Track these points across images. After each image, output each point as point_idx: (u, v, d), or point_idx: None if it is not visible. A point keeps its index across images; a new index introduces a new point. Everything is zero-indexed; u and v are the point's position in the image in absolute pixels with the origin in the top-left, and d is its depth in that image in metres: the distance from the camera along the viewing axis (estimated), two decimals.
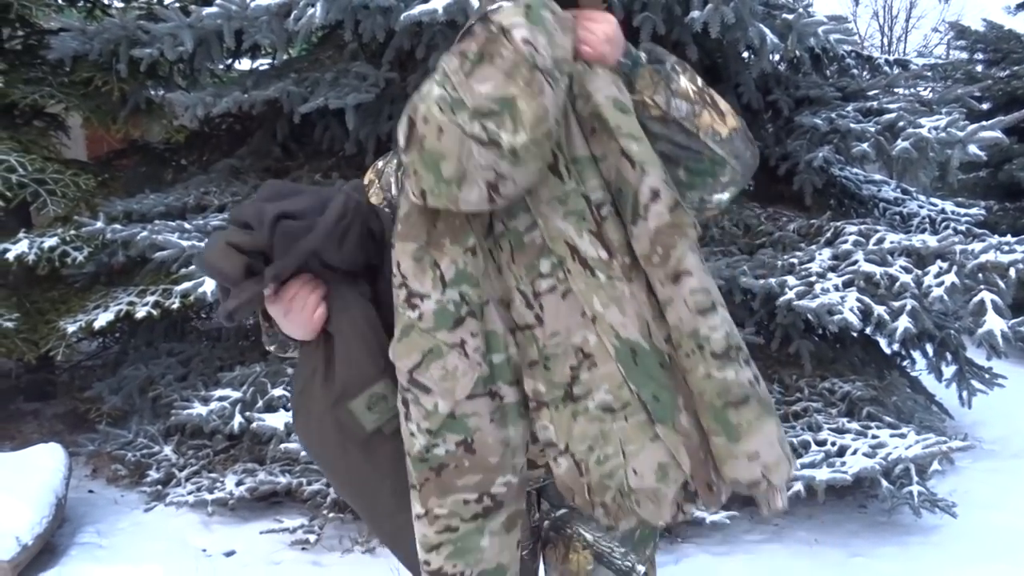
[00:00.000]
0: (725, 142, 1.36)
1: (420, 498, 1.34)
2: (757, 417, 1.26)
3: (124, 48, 3.84)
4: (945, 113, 3.57)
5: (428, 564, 1.35)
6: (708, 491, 1.29)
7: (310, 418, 1.41)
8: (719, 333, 1.24)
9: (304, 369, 1.43)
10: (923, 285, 3.19)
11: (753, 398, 1.26)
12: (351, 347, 1.36)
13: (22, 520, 3.08)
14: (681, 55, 3.61)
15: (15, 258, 4.00)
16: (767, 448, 1.27)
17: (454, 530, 1.34)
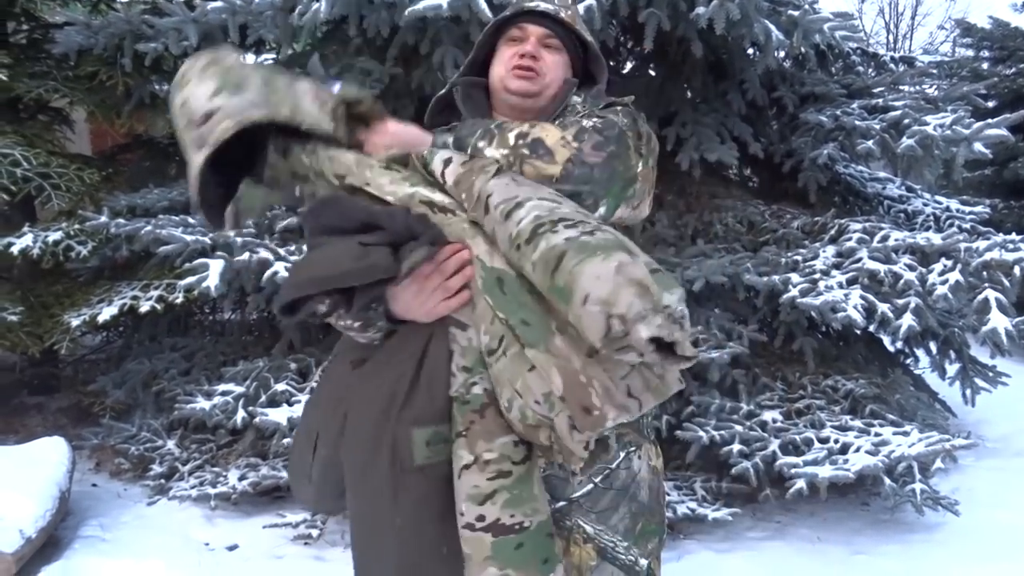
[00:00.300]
0: (564, 179, 1.36)
1: (468, 445, 1.31)
2: (575, 265, 1.13)
3: (129, 42, 3.84)
4: (950, 111, 3.56)
5: (483, 519, 1.30)
6: (584, 414, 1.19)
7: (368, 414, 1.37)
8: (524, 222, 1.22)
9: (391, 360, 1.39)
10: (927, 283, 3.18)
11: (570, 250, 1.14)
12: (441, 375, 1.34)
13: (26, 513, 3.09)
14: (686, 51, 3.64)
15: (19, 252, 4.00)
16: (594, 283, 1.10)
17: (507, 475, 1.30)
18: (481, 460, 1.32)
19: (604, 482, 1.59)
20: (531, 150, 1.37)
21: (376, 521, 1.36)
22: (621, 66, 4.37)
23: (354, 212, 1.33)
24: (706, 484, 3.44)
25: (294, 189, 1.45)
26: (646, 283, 1.09)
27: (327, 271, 1.31)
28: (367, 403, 1.37)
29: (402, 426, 1.32)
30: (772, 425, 3.35)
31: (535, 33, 1.57)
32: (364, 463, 1.35)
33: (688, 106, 3.88)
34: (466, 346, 1.35)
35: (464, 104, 1.61)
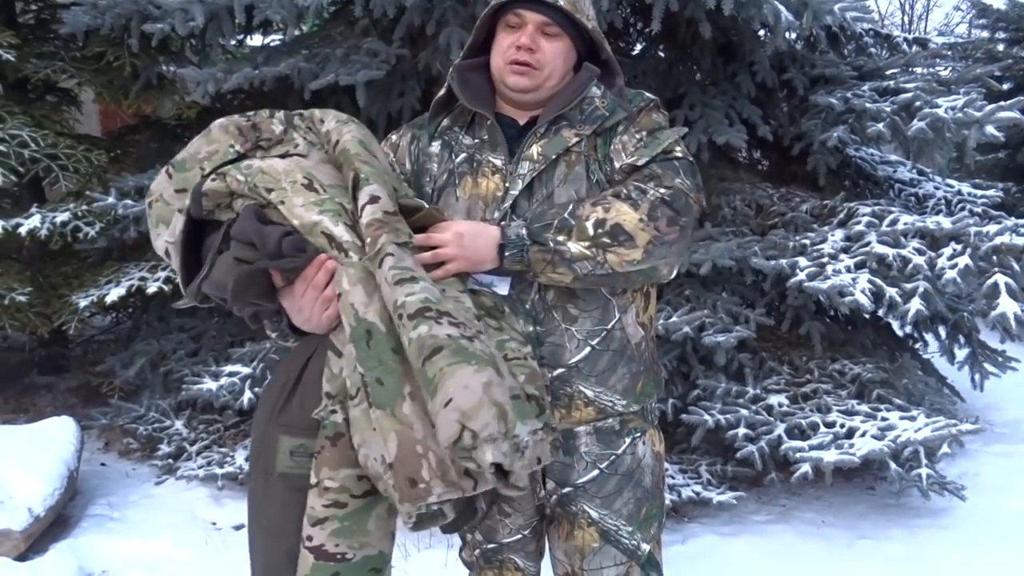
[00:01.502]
0: (644, 260, 1.43)
1: (315, 467, 1.35)
2: (448, 364, 1.18)
3: (136, 23, 3.83)
4: (963, 93, 3.52)
5: (310, 539, 1.34)
6: (409, 485, 1.20)
7: (260, 418, 1.48)
8: (414, 297, 1.26)
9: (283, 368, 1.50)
10: (936, 267, 3.16)
11: (447, 348, 1.20)
12: (314, 391, 1.39)
13: (34, 492, 3.12)
14: (695, 33, 3.61)
15: (28, 233, 4.01)
16: (461, 392, 1.15)
17: (342, 506, 1.33)
18: (322, 485, 1.34)
19: (609, 468, 1.60)
20: (612, 238, 1.41)
21: (254, 515, 1.46)
22: (630, 48, 4.33)
23: (244, 226, 1.41)
24: (711, 467, 3.44)
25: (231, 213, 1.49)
26: (506, 409, 1.16)
27: (217, 277, 1.41)
28: (262, 404, 1.49)
29: (274, 431, 1.40)
30: (778, 409, 3.34)
31: (533, 21, 1.52)
32: (253, 462, 1.47)
33: (697, 88, 3.85)
34: (336, 373, 1.37)
35: (461, 91, 1.58)
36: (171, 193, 1.50)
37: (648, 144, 1.52)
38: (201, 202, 1.45)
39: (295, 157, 1.49)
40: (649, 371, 1.63)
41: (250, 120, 1.53)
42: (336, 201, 1.40)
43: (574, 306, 1.52)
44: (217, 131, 1.53)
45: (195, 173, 1.48)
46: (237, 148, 1.50)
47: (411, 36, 3.63)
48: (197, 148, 1.52)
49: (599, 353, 1.55)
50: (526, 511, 1.68)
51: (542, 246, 1.42)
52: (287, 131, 1.52)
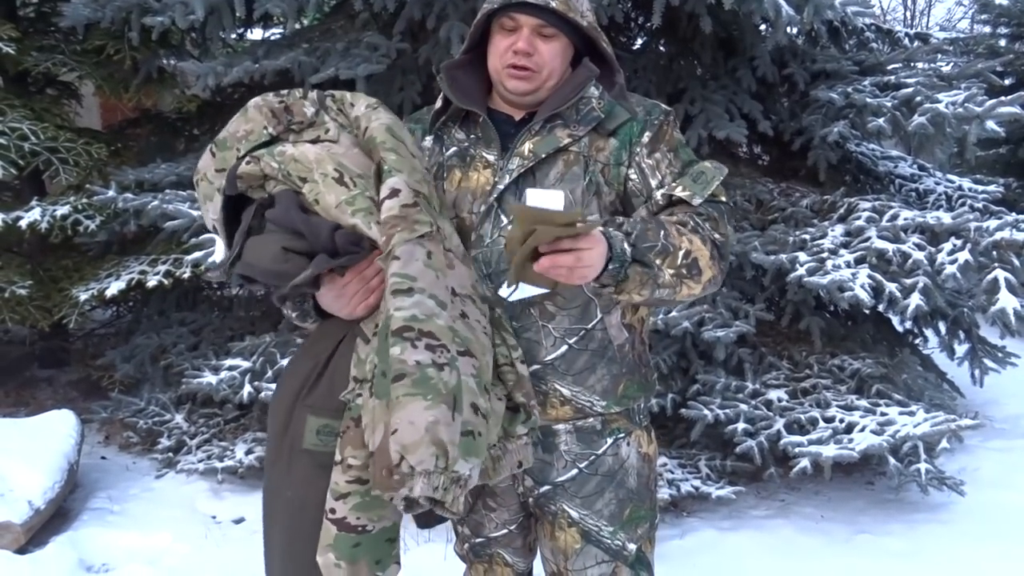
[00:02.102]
0: (697, 295, 1.49)
1: (340, 446, 1.41)
2: (405, 394, 1.24)
3: (136, 16, 3.82)
4: (964, 88, 3.51)
5: (333, 512, 1.40)
6: (387, 475, 1.24)
7: (285, 396, 1.52)
8: (403, 313, 1.30)
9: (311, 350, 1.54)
10: (936, 262, 3.15)
11: (409, 377, 1.25)
12: (344, 374, 1.45)
13: (35, 485, 3.13)
14: (695, 27, 3.60)
15: (28, 226, 4.02)
16: (406, 427, 1.23)
17: (364, 482, 1.38)
18: (345, 463, 1.40)
19: (589, 468, 1.59)
20: (689, 271, 1.43)
21: (275, 491, 1.51)
22: (631, 42, 4.32)
23: (290, 216, 1.44)
24: (710, 462, 3.44)
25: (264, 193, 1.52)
26: (447, 447, 1.22)
27: (253, 261, 1.44)
28: (288, 383, 1.52)
29: (302, 410, 1.46)
30: (777, 404, 3.34)
31: (528, 24, 1.50)
32: (277, 438, 1.51)
33: (697, 83, 3.84)
34: (363, 359, 1.41)
35: (451, 90, 1.56)
36: (213, 172, 1.53)
37: (697, 180, 1.51)
38: (235, 183, 1.49)
39: (326, 143, 1.49)
40: (634, 373, 1.60)
41: (283, 101, 1.53)
42: (367, 196, 1.42)
43: (552, 303, 1.51)
44: (253, 111, 1.54)
45: (232, 154, 1.51)
46: (270, 130, 1.51)
47: (411, 30, 3.63)
48: (236, 127, 1.53)
49: (576, 352, 1.54)
50: (510, 506, 1.68)
51: (645, 267, 1.39)
52: (318, 113, 1.53)
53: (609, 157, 1.54)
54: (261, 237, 1.48)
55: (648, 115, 1.56)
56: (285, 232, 1.45)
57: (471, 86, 1.59)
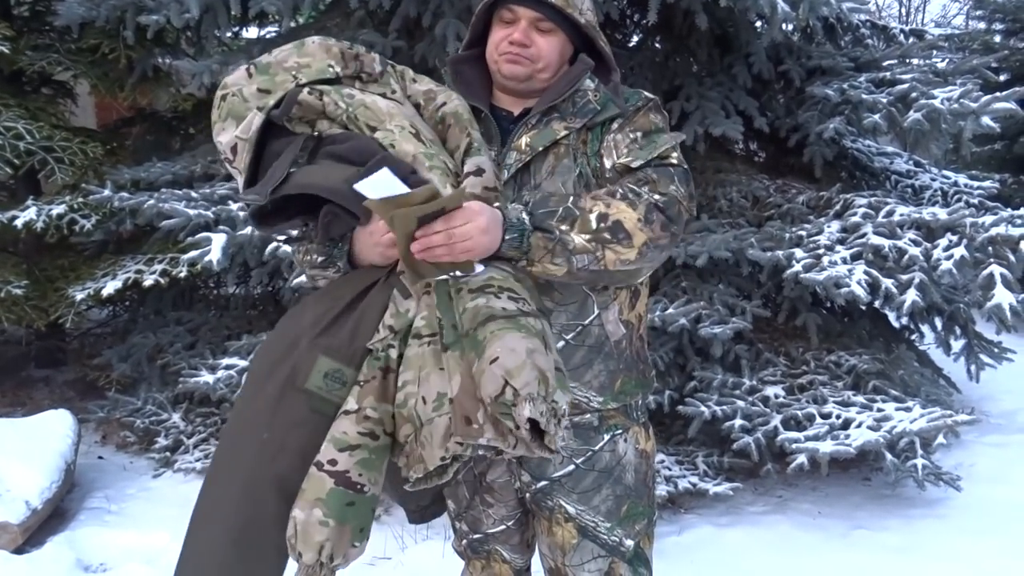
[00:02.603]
0: (635, 261, 1.42)
1: (358, 394, 1.34)
2: (500, 328, 1.25)
3: (131, 15, 3.82)
4: (959, 84, 3.51)
5: (333, 463, 1.31)
6: (465, 423, 1.24)
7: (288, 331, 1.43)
8: (479, 277, 1.32)
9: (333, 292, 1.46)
10: (932, 258, 3.16)
11: (500, 317, 1.26)
12: (370, 323, 1.38)
13: (32, 485, 3.12)
14: (691, 24, 3.60)
15: (24, 225, 4.02)
16: (507, 353, 1.22)
17: (376, 437, 1.33)
18: (362, 412, 1.33)
19: (586, 463, 1.59)
20: (612, 235, 1.39)
21: (247, 428, 1.38)
22: (627, 39, 4.32)
23: (369, 151, 1.37)
24: (708, 459, 3.45)
25: (308, 129, 1.46)
26: (547, 374, 1.22)
27: (315, 180, 1.36)
28: (294, 319, 1.43)
29: (312, 349, 1.37)
30: (774, 400, 3.35)
31: (526, 16, 1.51)
32: (265, 373, 1.40)
33: (693, 80, 3.84)
34: (402, 312, 1.37)
35: (455, 84, 1.58)
36: (252, 91, 1.45)
37: (644, 146, 1.50)
38: (291, 109, 1.43)
39: (394, 102, 1.47)
40: (631, 369, 1.60)
41: (353, 49, 1.50)
42: (442, 159, 1.40)
43: (549, 299, 1.51)
44: (315, 47, 1.49)
45: (284, 78, 1.45)
46: (337, 70, 1.47)
47: (407, 28, 3.63)
48: (285, 56, 1.47)
49: (574, 348, 1.54)
50: (508, 502, 1.68)
51: (546, 233, 1.38)
52: (384, 73, 1.51)
53: (588, 148, 1.54)
54: (322, 165, 1.40)
55: (626, 102, 1.56)
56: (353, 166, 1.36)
57: (475, 81, 1.60)
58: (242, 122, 1.43)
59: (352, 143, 1.40)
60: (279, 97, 1.43)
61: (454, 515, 1.75)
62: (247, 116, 1.43)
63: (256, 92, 1.44)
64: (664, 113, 1.58)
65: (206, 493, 1.41)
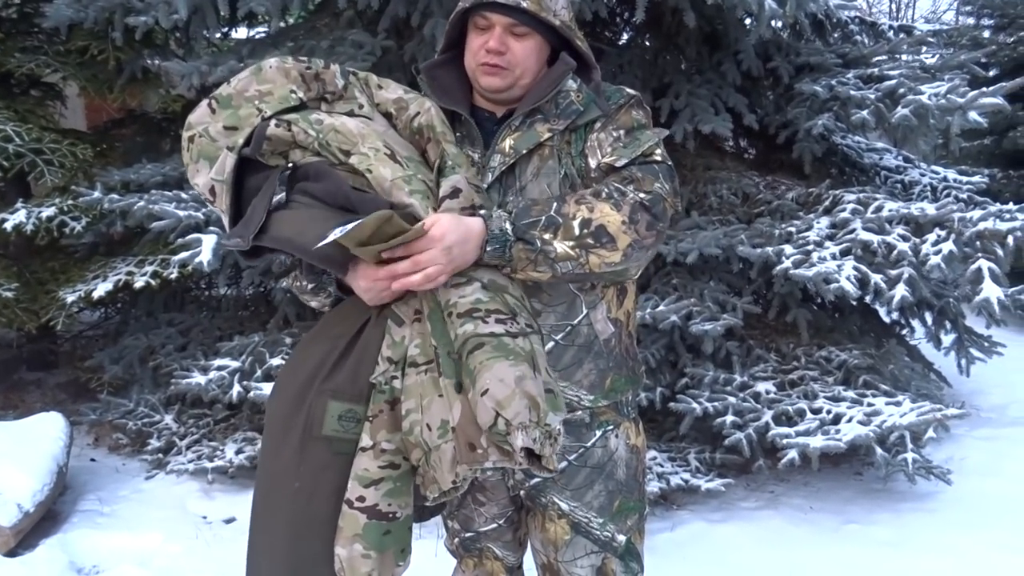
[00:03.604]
0: (621, 263, 1.43)
1: (371, 430, 1.37)
2: (489, 357, 1.27)
3: (119, 16, 3.80)
4: (947, 80, 3.53)
5: (362, 500, 1.36)
6: (470, 449, 1.27)
7: (294, 380, 1.45)
8: (466, 299, 1.33)
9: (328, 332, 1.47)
10: (920, 253, 3.17)
11: (489, 344, 1.28)
12: (369, 358, 1.40)
13: (24, 487, 3.11)
14: (679, 22, 3.61)
15: (13, 228, 4.00)
16: (496, 384, 1.24)
17: (396, 467, 1.37)
18: (378, 447, 1.37)
19: (578, 460, 1.60)
20: (595, 240, 1.40)
21: (277, 482, 1.43)
22: (616, 37, 4.33)
23: (338, 192, 1.37)
24: (700, 455, 3.46)
25: (282, 161, 1.46)
26: (537, 400, 1.25)
27: (291, 236, 1.36)
28: (298, 366, 1.45)
29: (321, 395, 1.40)
30: (765, 396, 3.36)
31: (500, 23, 1.49)
32: (282, 425, 1.43)
33: (682, 77, 3.85)
34: (398, 341, 1.39)
35: (432, 90, 1.57)
36: (218, 129, 1.44)
37: (628, 144, 1.50)
38: (262, 145, 1.42)
39: (362, 119, 1.46)
40: (621, 367, 1.61)
41: (312, 68, 1.48)
42: (420, 179, 1.39)
43: (538, 300, 1.51)
44: (273, 72, 1.46)
45: (249, 112, 1.43)
46: (300, 95, 1.45)
47: (396, 27, 3.63)
48: (245, 85, 1.45)
49: (563, 348, 1.54)
50: (500, 500, 1.69)
51: (528, 244, 1.39)
52: (347, 87, 1.49)
53: (572, 148, 1.54)
54: (298, 212, 1.39)
55: (607, 101, 1.56)
56: (327, 209, 1.37)
57: (452, 85, 1.58)
58: (215, 163, 1.43)
59: (324, 184, 1.40)
60: (247, 134, 1.42)
61: (446, 514, 1.76)
62: (219, 156, 1.43)
63: (223, 130, 1.44)
64: (647, 108, 1.58)
65: (254, 543, 1.47)
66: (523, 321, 1.35)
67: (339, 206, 1.37)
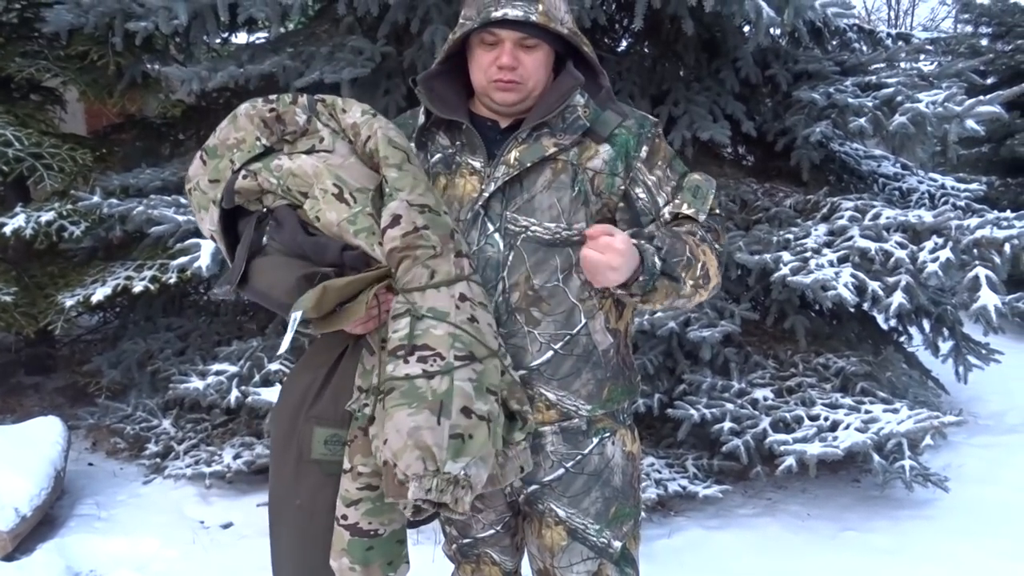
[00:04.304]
0: (703, 300, 1.58)
1: (349, 454, 1.46)
2: (394, 405, 1.33)
3: (119, 21, 3.81)
4: (944, 88, 3.54)
5: (345, 518, 1.45)
6: (396, 485, 1.32)
7: (286, 408, 1.55)
8: (398, 334, 1.37)
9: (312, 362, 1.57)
10: (918, 261, 3.18)
11: (398, 390, 1.34)
12: (347, 386, 1.49)
13: (21, 492, 3.11)
14: (678, 29, 3.62)
15: (12, 232, 4.00)
16: (393, 435, 1.32)
17: (374, 488, 1.44)
18: (355, 471, 1.45)
19: (575, 467, 1.61)
20: (704, 281, 1.54)
21: (282, 496, 1.56)
22: (615, 45, 4.34)
23: (292, 242, 1.47)
24: (697, 461, 3.46)
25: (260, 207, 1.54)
26: (432, 450, 1.29)
27: (265, 290, 1.48)
28: (288, 397, 1.56)
29: (308, 423, 1.50)
30: (763, 403, 3.36)
31: (509, 38, 1.49)
32: (280, 449, 1.55)
33: (681, 84, 3.86)
34: (368, 370, 1.46)
35: (431, 102, 1.56)
36: (206, 183, 1.55)
37: (696, 195, 1.58)
38: (233, 198, 1.52)
39: (322, 154, 1.50)
40: (618, 377, 1.62)
41: (274, 110, 1.52)
42: (367, 213, 1.44)
43: (538, 309, 1.53)
44: (243, 119, 1.54)
45: (225, 164, 1.53)
46: (263, 142, 1.52)
47: (396, 34, 3.64)
48: (226, 135, 1.54)
49: (562, 357, 1.55)
50: (497, 507, 1.69)
51: (673, 280, 1.48)
52: (310, 120, 1.52)
53: (604, 165, 1.55)
54: (270, 260, 1.50)
55: (641, 128, 1.59)
56: (294, 255, 1.47)
57: (449, 95, 1.59)
58: (208, 214, 1.56)
59: (282, 234, 1.49)
60: (223, 187, 1.53)
61: (444, 520, 1.76)
62: (209, 208, 1.55)
63: (209, 184, 1.54)
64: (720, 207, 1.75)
65: (274, 549, 1.60)
66: (454, 354, 1.37)
67: (296, 255, 1.47)
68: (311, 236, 1.47)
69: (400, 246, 1.40)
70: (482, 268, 1.52)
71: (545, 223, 1.52)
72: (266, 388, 3.40)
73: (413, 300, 1.39)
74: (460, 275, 1.43)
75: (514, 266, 1.53)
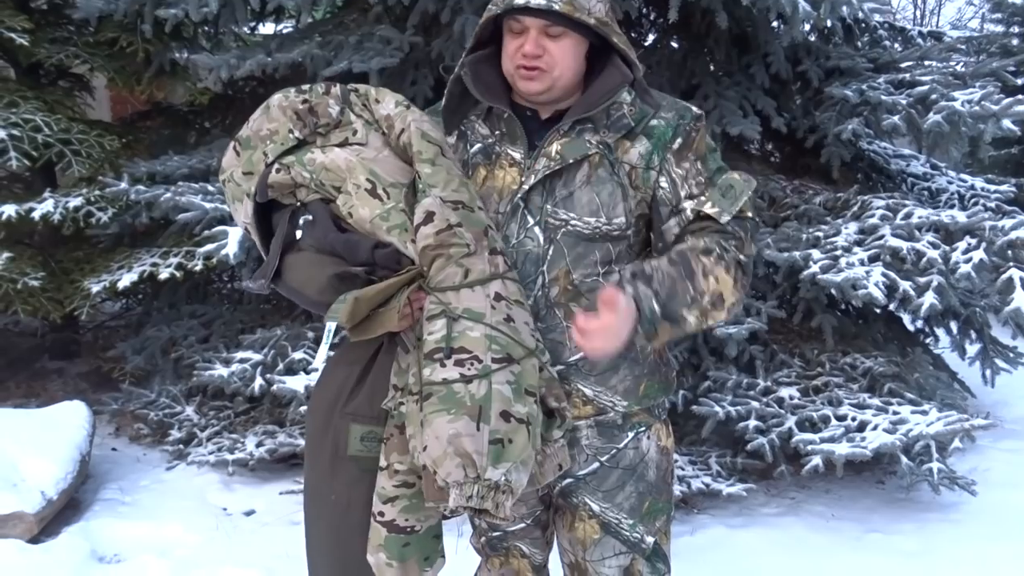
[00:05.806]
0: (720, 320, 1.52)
1: (386, 451, 1.46)
2: (433, 411, 1.32)
3: (149, 8, 3.83)
4: (979, 87, 3.49)
5: (382, 515, 1.45)
6: (436, 489, 1.32)
7: (321, 403, 1.55)
8: (433, 336, 1.36)
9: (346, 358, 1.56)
10: (950, 261, 3.14)
11: (436, 395, 1.33)
12: (383, 383, 1.49)
13: (47, 475, 3.14)
14: (710, 23, 3.59)
15: (41, 217, 4.03)
16: (432, 442, 1.31)
17: (410, 486, 1.44)
18: (391, 468, 1.45)
19: (610, 461, 1.60)
20: (714, 306, 1.47)
21: (317, 492, 1.56)
22: (643, 38, 4.31)
23: (324, 240, 1.46)
24: (721, 459, 3.44)
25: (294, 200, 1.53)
26: (472, 457, 1.29)
27: (299, 288, 1.47)
28: (323, 391, 1.56)
29: (343, 419, 1.50)
30: (789, 402, 3.33)
31: (534, 25, 1.46)
32: (316, 443, 1.54)
33: (711, 79, 3.83)
34: (404, 368, 1.45)
35: (474, 85, 1.53)
36: (240, 175, 1.54)
37: (726, 194, 1.50)
38: (267, 192, 1.51)
39: (355, 147, 1.48)
40: (655, 374, 1.61)
41: (307, 101, 1.51)
42: (400, 210, 1.42)
43: (577, 304, 1.51)
44: (275, 110, 1.52)
45: (259, 156, 1.51)
46: (296, 134, 1.50)
47: (425, 23, 3.63)
48: (259, 125, 1.53)
49: None
50: (529, 500, 1.68)
51: (673, 323, 1.44)
52: (343, 112, 1.51)
53: (640, 159, 1.52)
54: (303, 257, 1.47)
55: (680, 119, 1.53)
56: (326, 253, 1.45)
57: (493, 80, 1.55)
58: (242, 206, 1.55)
59: (315, 231, 1.47)
60: (257, 181, 1.51)
61: (473, 513, 1.75)
62: (244, 200, 1.54)
63: (243, 176, 1.53)
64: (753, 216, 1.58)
65: (309, 541, 1.60)
66: (491, 356, 1.35)
67: (328, 253, 1.45)
68: (343, 233, 1.45)
69: (433, 244, 1.38)
70: (521, 262, 1.51)
71: (585, 217, 1.50)
72: (290, 376, 3.40)
73: (448, 300, 1.37)
74: (495, 273, 1.41)
75: (554, 260, 1.51)
